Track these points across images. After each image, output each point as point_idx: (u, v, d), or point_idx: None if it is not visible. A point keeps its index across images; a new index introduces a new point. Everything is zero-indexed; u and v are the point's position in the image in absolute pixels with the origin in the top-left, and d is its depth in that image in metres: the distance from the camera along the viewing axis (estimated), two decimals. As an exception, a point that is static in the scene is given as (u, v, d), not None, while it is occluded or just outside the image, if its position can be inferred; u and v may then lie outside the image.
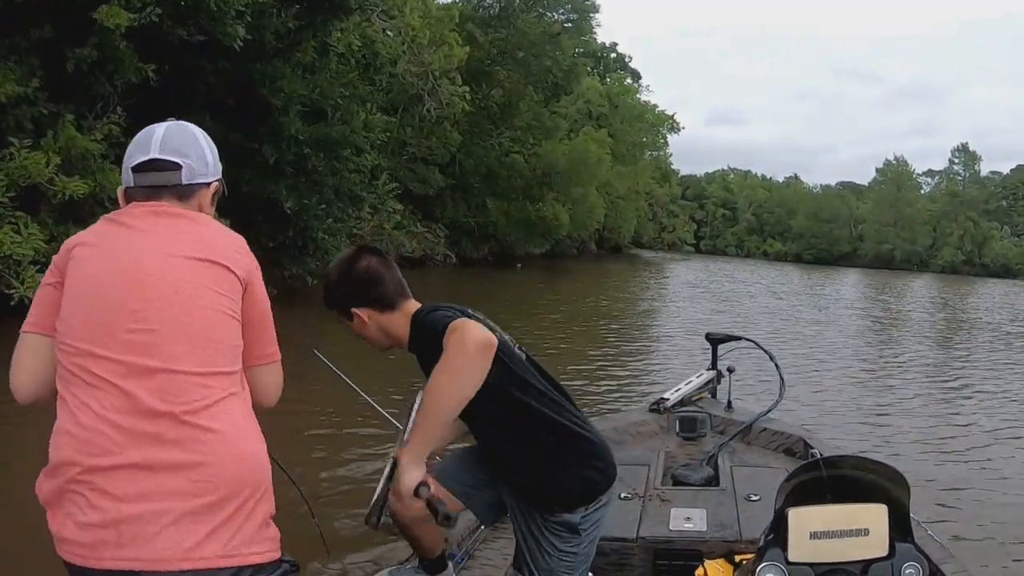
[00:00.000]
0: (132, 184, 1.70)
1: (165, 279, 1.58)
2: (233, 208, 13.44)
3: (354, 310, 2.28)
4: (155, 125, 1.75)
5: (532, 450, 2.26)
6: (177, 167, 1.69)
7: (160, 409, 1.50)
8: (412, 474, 2.05)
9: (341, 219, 15.68)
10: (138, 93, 12.16)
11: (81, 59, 11.20)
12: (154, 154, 1.69)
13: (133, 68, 11.51)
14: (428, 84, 20.94)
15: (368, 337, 2.33)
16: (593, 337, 15.29)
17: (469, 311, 2.24)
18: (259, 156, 13.22)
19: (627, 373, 11.71)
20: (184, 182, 1.70)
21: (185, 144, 1.72)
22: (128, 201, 1.70)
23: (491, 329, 2.14)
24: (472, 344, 1.96)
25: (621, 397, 9.55)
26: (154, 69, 11.63)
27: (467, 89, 23.86)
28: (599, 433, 2.42)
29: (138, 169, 1.69)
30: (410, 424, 2.30)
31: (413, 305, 2.31)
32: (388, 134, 17.99)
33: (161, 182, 1.69)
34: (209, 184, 1.76)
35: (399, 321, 2.27)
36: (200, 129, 1.79)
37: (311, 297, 16.00)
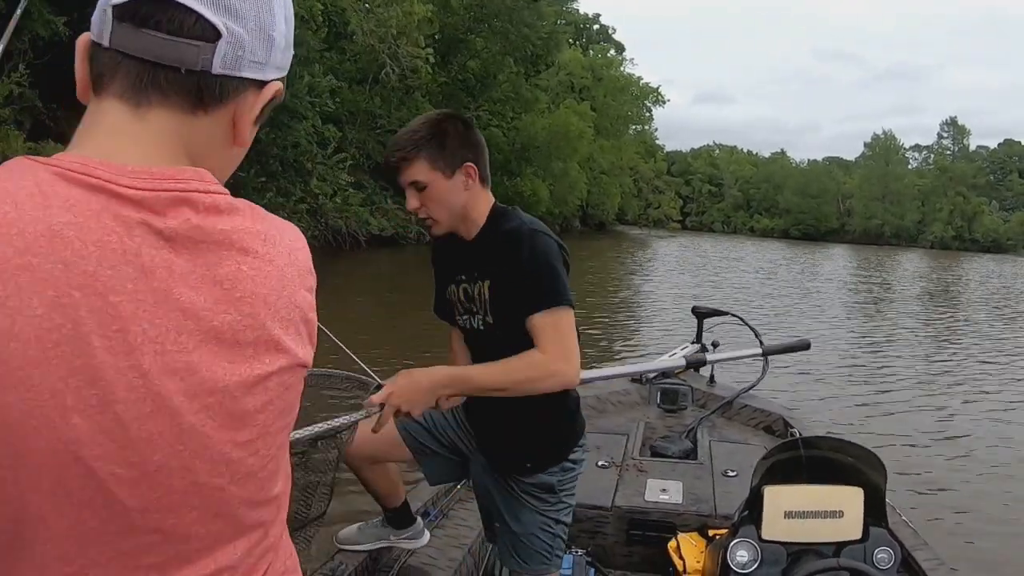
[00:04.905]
0: (106, 42, 0.73)
1: None
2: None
3: (469, 164, 2.03)
4: None
5: (531, 402, 2.18)
6: (213, 35, 0.73)
7: None
8: (426, 399, 1.98)
9: (285, 192, 14.42)
10: (52, 50, 10.97)
11: (-16, 11, 10.05)
12: None
13: (42, 20, 10.27)
14: (389, 47, 19.56)
15: (450, 202, 2.04)
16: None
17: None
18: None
19: (608, 342, 11.52)
20: (216, 70, 0.74)
21: None
22: (93, 77, 0.74)
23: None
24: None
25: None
26: (66, 22, 10.41)
27: (431, 52, 22.47)
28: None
29: (124, 14, 0.71)
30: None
31: (491, 196, 2.14)
32: (338, 98, 16.67)
33: (169, 58, 0.72)
34: (264, 85, 0.79)
35: (484, 199, 2.11)
36: None
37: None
